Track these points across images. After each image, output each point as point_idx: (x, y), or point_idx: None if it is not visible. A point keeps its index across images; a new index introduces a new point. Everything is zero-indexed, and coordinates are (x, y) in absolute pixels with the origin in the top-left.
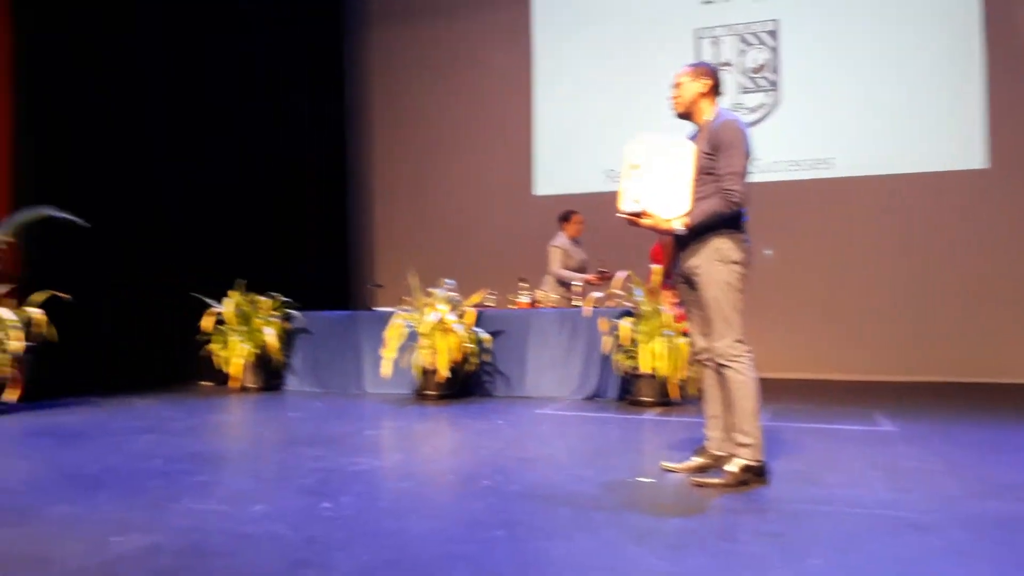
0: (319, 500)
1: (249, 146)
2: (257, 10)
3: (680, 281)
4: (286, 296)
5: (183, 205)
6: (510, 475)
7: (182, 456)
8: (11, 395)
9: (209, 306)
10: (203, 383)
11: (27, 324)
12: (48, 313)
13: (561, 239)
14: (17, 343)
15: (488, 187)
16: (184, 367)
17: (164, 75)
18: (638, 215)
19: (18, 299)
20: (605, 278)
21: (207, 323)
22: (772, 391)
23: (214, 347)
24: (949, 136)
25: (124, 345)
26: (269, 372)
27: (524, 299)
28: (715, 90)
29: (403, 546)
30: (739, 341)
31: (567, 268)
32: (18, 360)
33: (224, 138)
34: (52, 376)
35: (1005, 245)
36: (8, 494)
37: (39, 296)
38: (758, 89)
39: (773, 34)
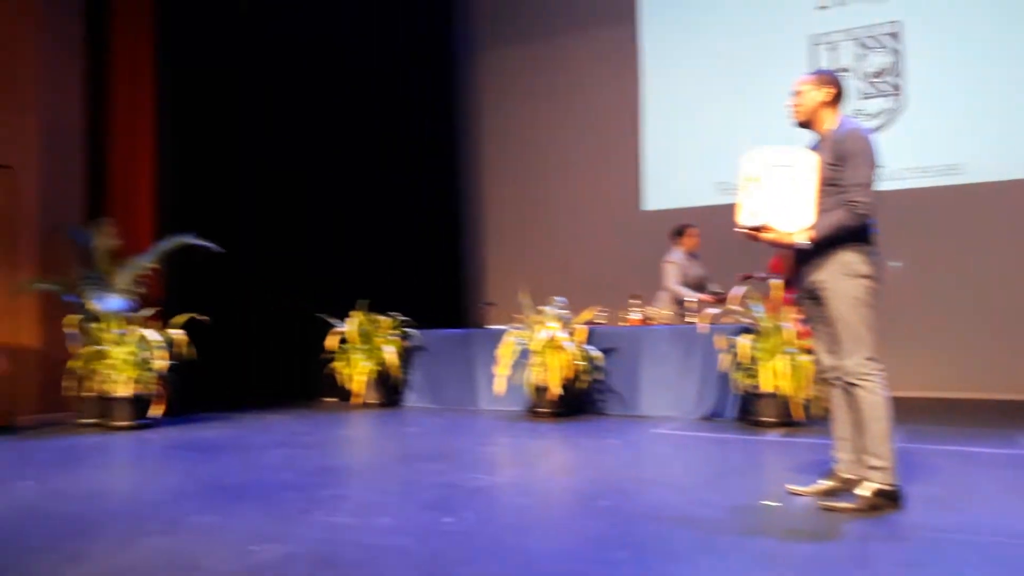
0: (441, 514)
1: (366, 171)
2: (370, 37)
3: (805, 297)
4: (404, 315)
5: (308, 230)
6: (629, 496)
7: (312, 470)
8: (156, 410)
9: (333, 326)
10: (327, 399)
11: (170, 344)
12: (187, 334)
13: (676, 254)
14: (161, 362)
15: (597, 203)
16: (310, 384)
17: (286, 105)
18: (758, 229)
19: (162, 321)
20: (719, 300)
21: (331, 342)
22: (905, 411)
23: (337, 365)
24: None
25: (255, 363)
26: (389, 389)
27: (635, 316)
28: (838, 99)
29: (526, 563)
30: (870, 359)
31: (683, 284)
32: (162, 378)
33: (342, 164)
34: (192, 393)
35: None
36: (157, 504)
37: (180, 318)
38: (879, 94)
39: (895, 36)
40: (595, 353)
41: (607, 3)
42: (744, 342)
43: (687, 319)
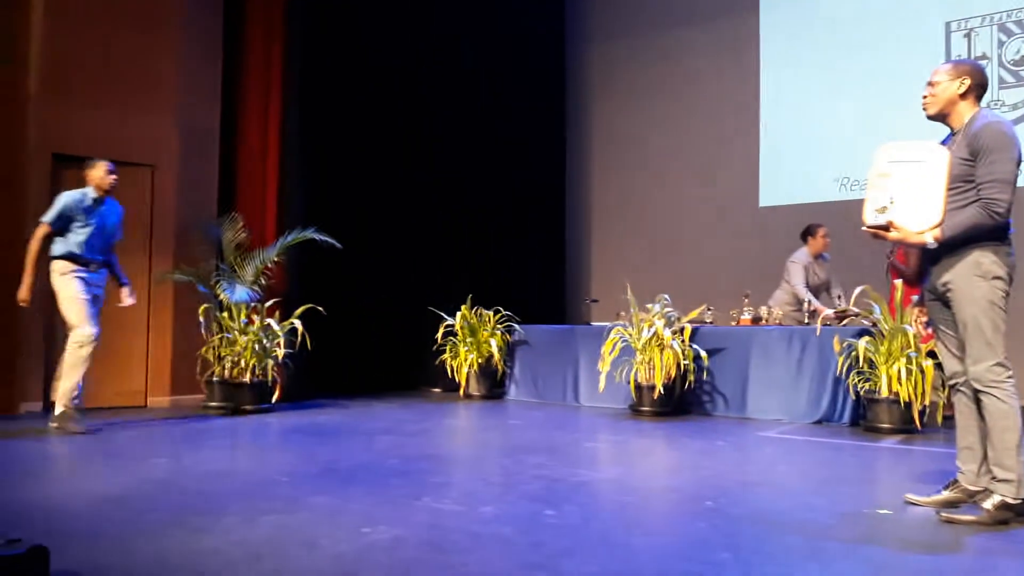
0: (544, 507)
1: (475, 168)
2: (483, 33)
3: (931, 298)
4: (509, 310)
5: (422, 228)
6: (734, 498)
7: (419, 456)
8: (275, 396)
9: (442, 319)
10: (433, 389)
11: (290, 333)
12: (306, 324)
13: (802, 254)
14: (281, 350)
15: (710, 199)
16: (417, 374)
17: (403, 107)
18: (885, 228)
19: (283, 312)
20: (840, 318)
21: (439, 335)
22: None
23: (444, 356)
24: None
25: (367, 353)
26: (492, 381)
27: (746, 316)
28: (976, 91)
29: (628, 559)
30: (1000, 365)
31: (808, 286)
32: (282, 365)
33: (451, 161)
34: (308, 380)
35: None
36: (276, 484)
37: (300, 309)
38: (1020, 83)
39: None
40: (701, 352)
41: None
42: (862, 345)
43: (804, 321)
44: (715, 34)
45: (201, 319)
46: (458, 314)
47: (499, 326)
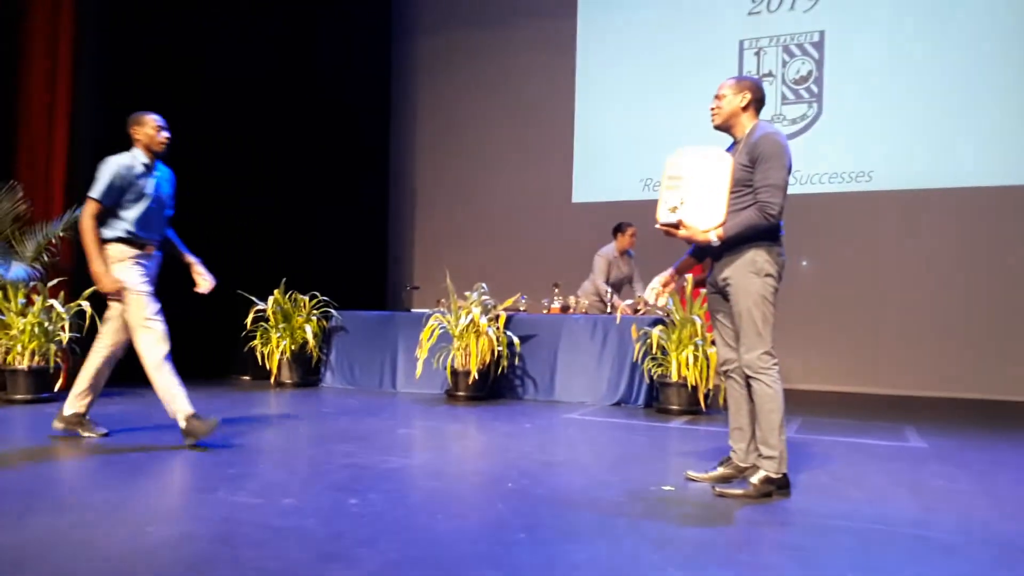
0: (348, 496)
1: (295, 149)
2: (305, 18)
3: (712, 291)
4: (328, 296)
5: (234, 206)
6: (536, 478)
7: (218, 447)
8: (58, 384)
9: (253, 303)
10: (243, 377)
11: (77, 316)
12: (96, 306)
13: (609, 249)
14: (66, 334)
15: (528, 193)
16: (226, 362)
17: (216, 83)
18: (675, 226)
19: (68, 292)
20: (634, 311)
21: (249, 320)
22: (801, 403)
23: (256, 343)
24: (991, 151)
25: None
26: (306, 368)
27: (557, 304)
28: (756, 104)
29: (428, 544)
30: (768, 353)
31: (607, 280)
32: (66, 351)
33: (271, 143)
34: None
35: None
36: (50, 481)
37: (89, 289)
38: (799, 100)
39: (818, 45)
40: (515, 339)
41: None
42: (656, 333)
43: (608, 311)
44: (535, 33)
45: None
46: (270, 299)
47: (315, 312)
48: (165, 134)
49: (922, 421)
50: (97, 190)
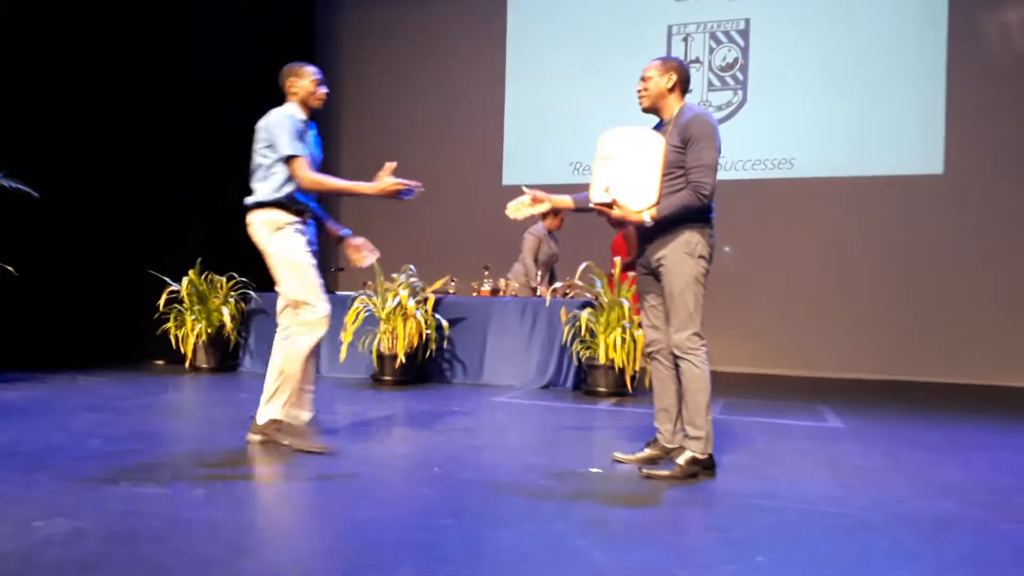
0: (264, 486)
1: (213, 124)
2: None
3: (643, 272)
4: (247, 276)
5: (145, 182)
6: (463, 463)
7: (126, 436)
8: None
9: (167, 284)
10: (157, 362)
11: None
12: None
13: (539, 228)
14: None
15: (458, 175)
16: (139, 346)
17: (133, 47)
18: (609, 205)
19: None
20: (557, 292)
21: (162, 301)
22: (725, 384)
23: (169, 326)
24: (908, 141)
25: (74, 322)
26: (224, 353)
27: (486, 287)
28: (682, 85)
29: (350, 534)
30: (697, 335)
31: (536, 259)
32: None
33: (188, 116)
34: None
35: (957, 249)
36: None
37: None
38: (725, 87)
39: (743, 33)
40: (443, 322)
41: None
42: (584, 315)
43: (537, 293)
44: (465, 14)
45: None
46: (185, 279)
47: (233, 293)
48: (324, 89)
49: (838, 401)
50: (290, 144)
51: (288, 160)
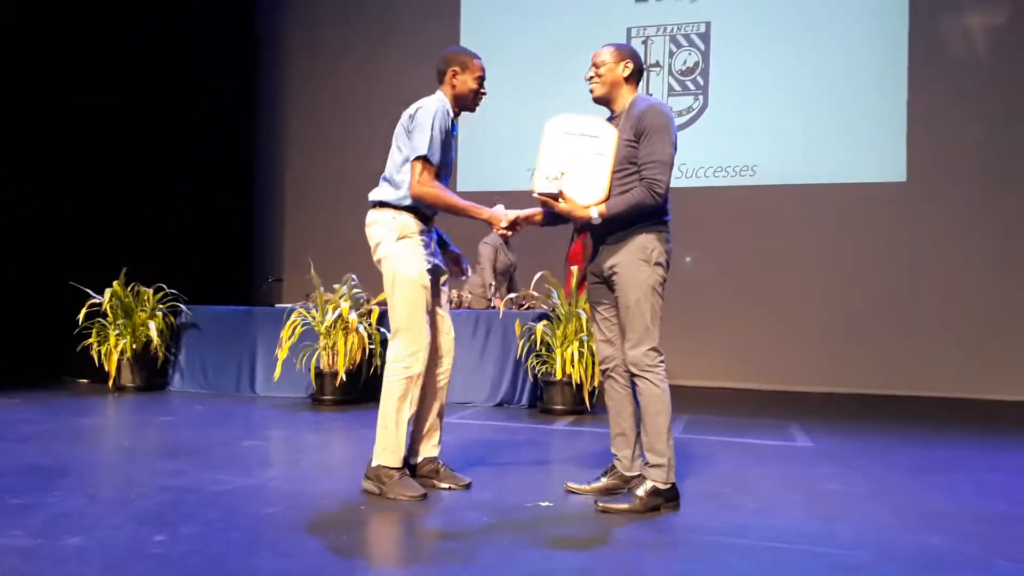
0: (155, 531)
1: (143, 122)
2: None
3: (594, 281)
4: (178, 288)
5: (67, 186)
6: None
7: (15, 469)
8: None
9: (88, 296)
10: (80, 381)
11: None
12: None
13: (494, 236)
14: None
15: None
16: (61, 364)
17: (55, 40)
18: (554, 197)
19: None
20: (515, 304)
21: (82, 315)
22: (686, 400)
23: (91, 342)
24: (870, 148)
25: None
26: (151, 370)
27: None
28: (636, 75)
29: None
30: (655, 350)
31: (494, 268)
32: None
33: (112, 112)
34: None
35: (921, 257)
36: None
37: None
38: (686, 92)
39: (704, 36)
40: (388, 336)
41: None
42: (540, 328)
43: (492, 304)
44: (417, 16)
45: None
46: (108, 291)
47: (161, 306)
48: (485, 90)
49: (806, 418)
50: (427, 145)
51: (416, 160)
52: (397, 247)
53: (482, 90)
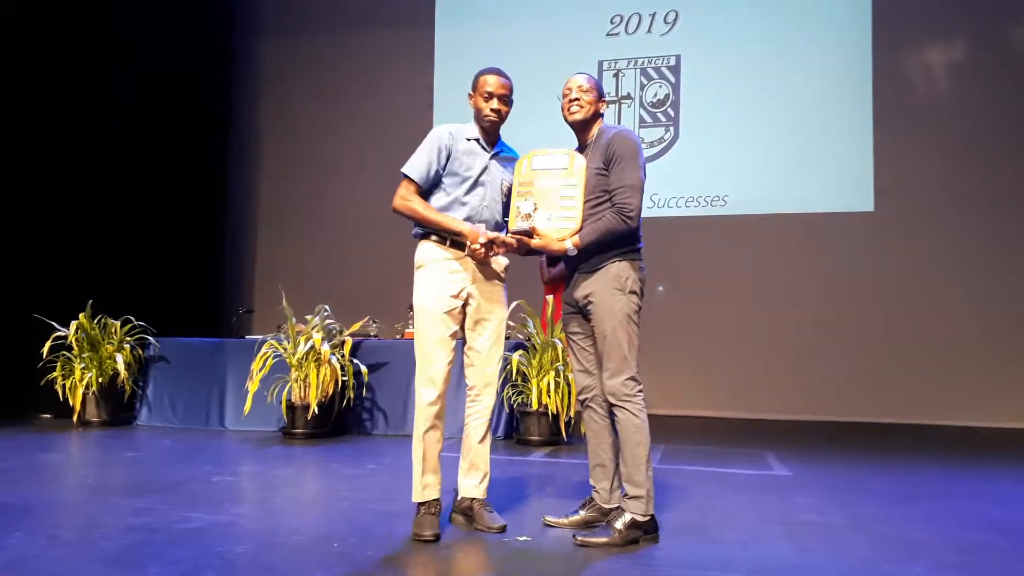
0: (120, 572)
1: (111, 150)
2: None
3: (570, 311)
4: (146, 320)
5: (31, 215)
6: (368, 535)
7: None
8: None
9: (53, 329)
10: (41, 415)
11: None
12: None
13: None
14: None
15: (381, 211)
16: (23, 398)
17: (21, 69)
18: (528, 234)
19: None
20: None
21: (46, 349)
22: (663, 429)
23: (56, 375)
24: (838, 179)
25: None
26: (118, 404)
27: (411, 329)
28: (603, 108)
29: None
30: (633, 379)
31: None
32: None
33: (85, 144)
34: None
35: (889, 286)
36: None
37: None
38: (656, 124)
39: (674, 69)
40: (362, 368)
41: (404, 3)
42: (516, 358)
43: None
44: (390, 45)
45: None
46: (73, 324)
47: (129, 339)
48: (495, 105)
49: (781, 446)
50: (411, 162)
51: (403, 177)
52: (416, 276)
53: (491, 105)
